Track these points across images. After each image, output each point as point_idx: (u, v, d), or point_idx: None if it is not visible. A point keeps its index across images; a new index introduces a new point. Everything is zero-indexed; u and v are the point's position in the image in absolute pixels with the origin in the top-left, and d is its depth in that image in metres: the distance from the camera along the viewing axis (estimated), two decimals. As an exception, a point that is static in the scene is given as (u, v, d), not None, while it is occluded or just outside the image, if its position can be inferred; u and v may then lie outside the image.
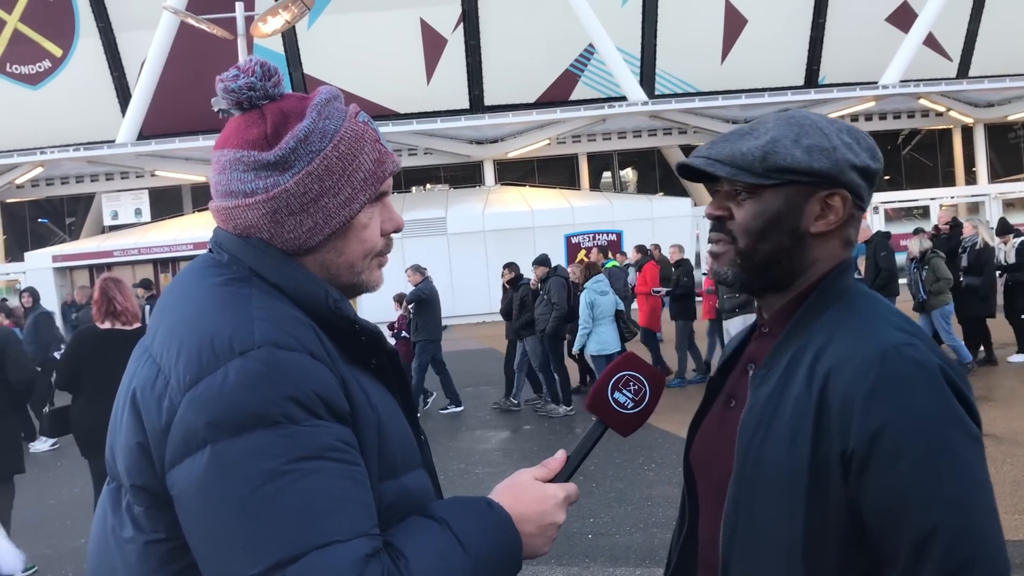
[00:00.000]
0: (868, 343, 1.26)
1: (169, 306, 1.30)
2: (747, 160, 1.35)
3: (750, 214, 1.38)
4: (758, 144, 1.36)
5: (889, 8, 28.22)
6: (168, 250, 24.93)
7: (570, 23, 25.55)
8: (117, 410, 1.27)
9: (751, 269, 1.41)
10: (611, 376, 1.47)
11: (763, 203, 1.37)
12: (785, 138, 1.35)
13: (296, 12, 16.62)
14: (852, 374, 1.24)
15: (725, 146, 1.39)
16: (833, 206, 1.37)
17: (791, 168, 1.34)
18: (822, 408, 1.25)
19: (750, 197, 1.38)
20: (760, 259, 1.39)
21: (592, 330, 10.07)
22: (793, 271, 1.40)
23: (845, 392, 1.23)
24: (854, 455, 1.22)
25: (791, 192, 1.36)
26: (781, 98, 25.61)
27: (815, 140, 1.35)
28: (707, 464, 1.48)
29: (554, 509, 1.34)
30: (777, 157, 1.34)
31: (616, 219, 24.77)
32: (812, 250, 1.39)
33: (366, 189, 1.32)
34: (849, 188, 1.37)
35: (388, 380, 1.34)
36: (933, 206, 26.91)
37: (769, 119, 1.41)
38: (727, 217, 1.41)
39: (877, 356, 1.24)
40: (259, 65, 1.32)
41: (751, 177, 1.36)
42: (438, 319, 11.18)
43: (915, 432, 1.20)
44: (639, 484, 7.10)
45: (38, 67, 27.13)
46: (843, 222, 1.38)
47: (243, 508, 1.10)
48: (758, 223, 1.37)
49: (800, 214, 1.37)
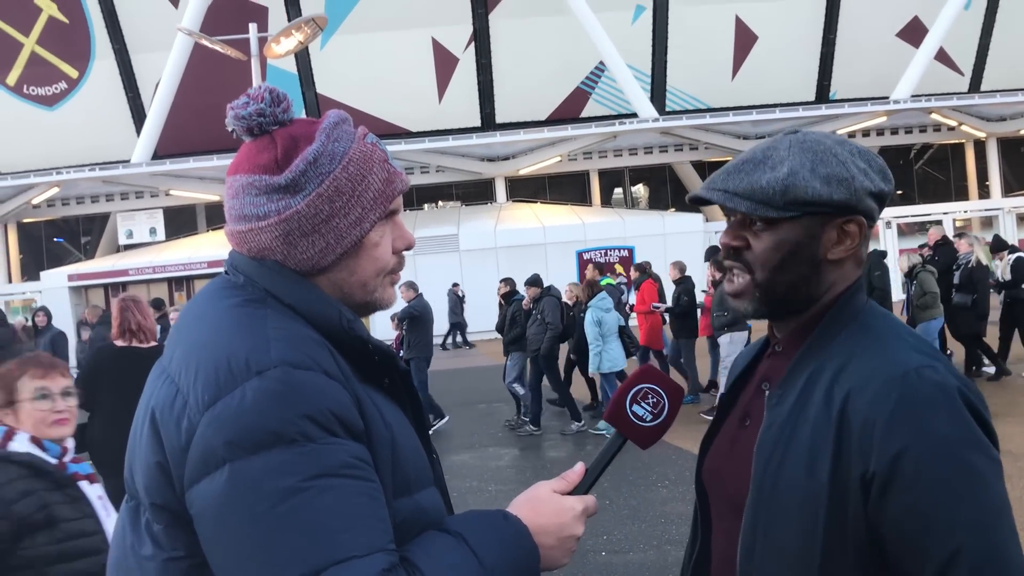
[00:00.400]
0: (888, 365, 1.27)
1: (186, 327, 1.32)
2: (767, 194, 1.35)
3: (769, 245, 1.37)
4: (777, 177, 1.34)
5: (900, 23, 28.20)
6: (183, 269, 25.07)
7: (580, 41, 25.65)
8: (136, 429, 1.29)
9: (771, 301, 1.41)
10: (630, 388, 1.48)
11: (781, 234, 1.36)
12: (803, 168, 1.34)
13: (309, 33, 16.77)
14: (872, 396, 1.24)
15: (742, 178, 1.38)
16: (850, 232, 1.37)
17: (811, 201, 1.34)
18: (842, 430, 1.25)
19: (767, 228, 1.37)
20: (781, 290, 1.39)
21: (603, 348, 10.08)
22: (811, 297, 1.40)
23: (866, 414, 1.23)
24: (875, 478, 1.22)
25: (809, 222, 1.36)
26: (792, 114, 25.61)
27: (832, 169, 1.34)
28: (720, 482, 1.48)
29: (573, 521, 1.35)
30: (797, 191, 1.33)
31: (628, 235, 24.77)
32: (828, 275, 1.39)
33: (376, 208, 1.35)
34: (865, 214, 1.37)
35: (401, 399, 1.36)
36: (946, 220, 26.78)
37: (780, 145, 1.39)
38: (744, 247, 1.40)
39: (897, 379, 1.24)
40: (268, 92, 1.34)
41: (772, 211, 1.35)
42: (430, 336, 11.21)
43: (936, 455, 1.20)
44: (653, 501, 7.07)
45: (54, 88, 27.40)
46: (858, 245, 1.40)
47: (262, 526, 1.12)
48: (777, 255, 1.37)
49: (818, 243, 1.37)
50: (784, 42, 27.86)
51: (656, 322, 12.36)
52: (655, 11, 27.47)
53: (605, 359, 10.09)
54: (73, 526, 2.48)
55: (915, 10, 27.88)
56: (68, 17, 26.62)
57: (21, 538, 2.39)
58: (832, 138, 1.41)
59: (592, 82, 28.20)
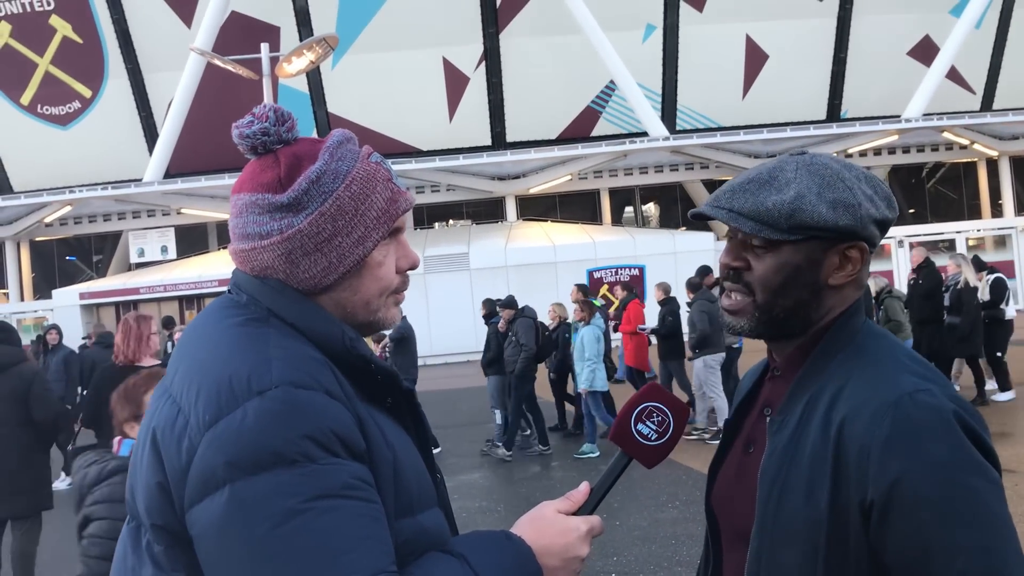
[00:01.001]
0: (882, 389, 1.25)
1: (189, 346, 1.32)
2: (772, 217, 1.33)
3: (770, 268, 1.36)
4: (784, 200, 1.33)
5: (911, 42, 28.23)
6: (194, 287, 25.17)
7: (591, 60, 25.76)
8: (137, 449, 1.29)
9: (769, 322, 1.39)
10: (634, 407, 1.46)
11: (783, 257, 1.35)
12: (810, 192, 1.33)
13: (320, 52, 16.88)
14: (867, 422, 1.23)
15: (747, 198, 1.36)
16: (852, 258, 1.36)
17: (817, 226, 1.33)
18: (839, 457, 1.24)
19: (769, 250, 1.36)
20: (779, 312, 1.38)
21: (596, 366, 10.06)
22: (809, 320, 1.39)
23: (861, 441, 1.22)
24: (874, 505, 1.21)
25: (812, 247, 1.35)
26: (803, 132, 25.61)
27: (839, 195, 1.33)
28: (728, 510, 1.47)
29: (577, 542, 1.33)
30: (804, 215, 1.32)
31: (638, 254, 24.77)
32: (828, 300, 1.38)
33: (379, 227, 1.34)
34: (868, 240, 1.36)
35: (404, 419, 1.35)
36: (959, 240, 26.71)
37: (787, 166, 1.38)
38: (744, 268, 1.39)
39: (891, 404, 1.23)
40: (273, 111, 1.34)
41: (776, 233, 1.34)
42: (415, 358, 11.22)
43: (933, 480, 1.19)
44: (663, 522, 7.02)
45: (68, 108, 27.64)
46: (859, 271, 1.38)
47: (262, 547, 1.10)
48: (778, 278, 1.36)
49: (819, 268, 1.36)
50: (795, 61, 27.92)
51: (642, 343, 12.25)
52: (665, 30, 27.59)
53: (599, 377, 10.05)
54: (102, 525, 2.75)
55: (926, 29, 27.91)
56: (82, 37, 26.89)
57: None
58: (839, 162, 1.40)
59: (603, 101, 28.28)
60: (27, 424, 5.97)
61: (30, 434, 5.99)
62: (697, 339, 10.17)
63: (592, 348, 10.07)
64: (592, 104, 28.40)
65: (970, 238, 27.39)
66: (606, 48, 25.16)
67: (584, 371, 10.11)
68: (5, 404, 5.97)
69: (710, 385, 10.29)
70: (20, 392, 5.98)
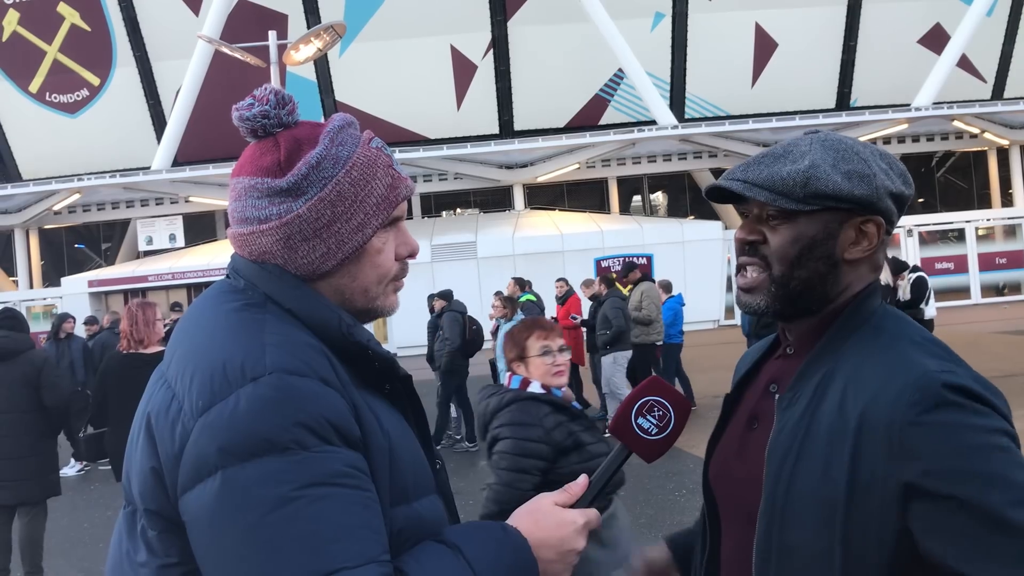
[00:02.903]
0: (907, 370, 1.24)
1: (185, 331, 1.31)
2: (787, 185, 1.33)
3: (786, 239, 1.35)
4: (798, 169, 1.33)
5: (922, 30, 28.03)
6: (202, 275, 25.18)
7: (599, 48, 25.64)
8: (133, 435, 1.28)
9: (785, 297, 1.38)
10: (635, 401, 1.45)
11: (799, 228, 1.35)
12: (824, 163, 1.33)
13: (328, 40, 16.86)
14: (894, 402, 1.22)
15: (762, 169, 1.36)
16: (868, 233, 1.35)
17: (832, 194, 1.32)
18: (860, 436, 1.23)
19: (785, 222, 1.35)
20: (796, 286, 1.37)
21: None
22: (826, 297, 1.38)
23: (889, 421, 1.21)
24: (910, 487, 1.20)
25: (827, 218, 1.34)
26: (812, 121, 25.46)
27: (854, 166, 1.33)
28: (729, 485, 1.46)
29: (574, 535, 1.32)
30: (819, 183, 1.32)
31: (646, 243, 24.69)
32: (845, 276, 1.37)
33: (379, 214, 1.33)
34: (884, 214, 1.35)
35: (402, 405, 1.34)
36: (968, 229, 26.57)
37: (802, 142, 1.38)
38: (760, 241, 1.38)
39: (919, 384, 1.22)
40: (273, 93, 1.33)
41: (791, 203, 1.33)
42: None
43: (968, 451, 1.18)
44: (670, 510, 7.02)
45: (76, 96, 27.65)
46: (876, 248, 1.37)
47: (253, 534, 1.10)
48: (794, 249, 1.35)
49: (835, 241, 1.35)
50: (804, 49, 27.75)
51: (578, 336, 12.10)
52: (674, 18, 27.44)
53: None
54: (595, 448, 3.12)
55: (937, 17, 27.70)
56: (90, 25, 26.87)
57: (557, 459, 3.07)
58: (853, 139, 1.40)
59: (611, 89, 28.17)
60: (36, 410, 6.01)
61: (39, 420, 6.03)
62: (613, 336, 10.12)
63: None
64: (600, 92, 28.28)
65: (980, 227, 27.21)
66: (615, 36, 25.03)
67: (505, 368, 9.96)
68: (15, 391, 6.01)
69: (615, 384, 10.29)
70: (30, 378, 6.02)
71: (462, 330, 10.33)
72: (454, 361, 10.17)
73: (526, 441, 3.10)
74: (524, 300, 11.78)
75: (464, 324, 10.46)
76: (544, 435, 3.07)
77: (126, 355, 5.77)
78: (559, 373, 3.21)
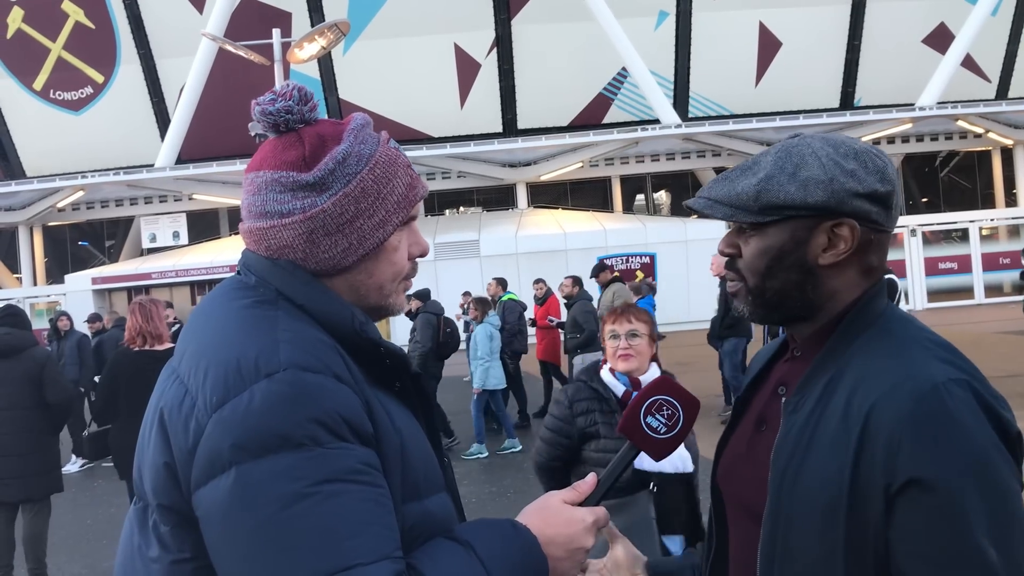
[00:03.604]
0: (914, 377, 1.24)
1: (197, 327, 1.31)
2: (742, 200, 1.35)
3: (755, 252, 1.37)
4: (751, 183, 1.35)
5: (926, 30, 27.99)
6: (205, 272, 25.21)
7: (603, 47, 25.62)
8: (145, 430, 1.29)
9: (764, 306, 1.40)
10: (644, 400, 1.46)
11: (767, 239, 1.36)
12: (781, 173, 1.33)
13: (332, 38, 16.85)
14: (898, 409, 1.21)
15: (724, 185, 1.39)
16: (841, 236, 1.33)
17: (786, 204, 1.32)
18: (863, 443, 1.23)
19: (755, 234, 1.37)
20: (771, 296, 1.38)
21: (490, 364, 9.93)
22: (811, 303, 1.37)
23: (891, 427, 1.21)
24: (897, 493, 1.19)
25: (794, 227, 1.34)
26: (816, 120, 25.44)
27: (811, 172, 1.32)
28: (736, 485, 1.46)
29: (583, 533, 1.33)
30: (770, 195, 1.33)
31: (649, 242, 24.69)
32: (827, 281, 1.36)
33: (398, 212, 1.35)
34: (856, 216, 1.33)
35: (412, 403, 1.34)
36: (972, 229, 26.53)
37: (766, 153, 1.39)
38: (736, 255, 1.41)
39: (924, 392, 1.21)
40: (296, 90, 1.34)
41: (748, 216, 1.35)
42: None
43: (962, 472, 1.17)
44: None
45: (80, 93, 27.68)
46: (855, 250, 1.34)
47: (266, 531, 1.10)
48: (763, 261, 1.36)
49: (805, 248, 1.34)
50: (808, 48, 27.72)
51: (556, 337, 12.10)
52: (678, 17, 27.43)
53: (492, 375, 9.92)
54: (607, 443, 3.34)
55: (941, 16, 27.67)
56: (94, 23, 26.90)
57: (585, 441, 3.38)
58: (825, 141, 1.37)
59: (614, 88, 28.16)
60: (39, 407, 6.01)
61: (42, 417, 6.03)
62: (585, 339, 10.13)
63: (485, 346, 9.92)
64: (604, 91, 28.27)
65: (983, 227, 27.18)
66: (618, 35, 25.01)
67: (477, 369, 9.95)
68: (17, 387, 6.01)
69: None
70: (33, 375, 6.02)
71: (435, 332, 10.31)
72: (426, 363, 10.12)
73: (552, 417, 3.52)
74: (506, 300, 11.77)
75: (438, 326, 10.43)
76: (568, 416, 3.42)
77: (138, 352, 5.76)
78: (623, 356, 3.42)
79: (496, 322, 10.18)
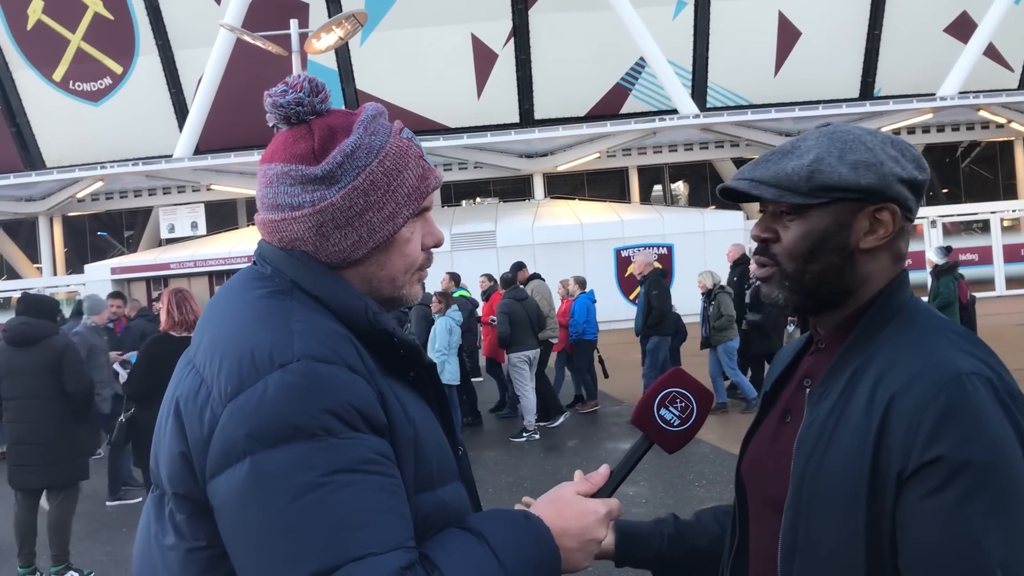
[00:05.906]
0: (936, 367, 1.23)
1: (212, 318, 1.32)
2: (792, 180, 1.34)
3: (797, 235, 1.36)
4: (802, 163, 1.34)
5: (948, 18, 27.70)
6: (223, 262, 25.35)
7: (621, 37, 25.51)
8: (161, 419, 1.30)
9: (801, 291, 1.39)
10: (658, 392, 1.46)
11: (810, 223, 1.35)
12: (829, 155, 1.34)
13: (349, 29, 16.87)
14: (918, 399, 1.21)
15: (768, 167, 1.38)
16: (882, 221, 1.34)
17: (838, 186, 1.32)
18: (883, 432, 1.23)
19: (796, 217, 1.36)
20: (810, 280, 1.37)
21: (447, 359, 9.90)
22: (845, 289, 1.37)
23: (911, 417, 1.21)
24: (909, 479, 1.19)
25: (838, 210, 1.34)
26: (836, 110, 25.25)
27: (860, 155, 1.33)
28: (760, 478, 1.46)
29: (596, 524, 1.34)
30: (823, 175, 1.33)
31: (667, 232, 24.62)
32: (862, 266, 1.36)
33: (409, 204, 1.34)
34: (897, 201, 1.34)
35: (426, 393, 1.35)
36: (994, 220, 26.30)
37: (810, 136, 1.39)
38: (773, 240, 1.40)
39: (945, 382, 1.21)
40: (307, 81, 1.34)
41: (797, 197, 1.34)
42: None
43: (980, 463, 1.17)
44: (690, 500, 7.02)
45: (99, 84, 27.84)
46: (893, 236, 1.36)
47: (280, 520, 1.11)
48: (806, 244, 1.36)
49: (848, 231, 1.35)
50: (828, 37, 27.50)
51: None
52: (696, 6, 27.26)
53: (447, 371, 9.87)
54: None
55: (963, 5, 27.37)
56: (113, 14, 27.02)
57: None
58: (862, 129, 1.40)
59: (632, 78, 28.04)
60: (58, 397, 6.07)
61: (61, 407, 6.09)
62: (499, 340, 10.18)
63: (443, 339, 9.87)
64: (621, 81, 28.16)
65: (1005, 218, 26.91)
66: (636, 24, 24.89)
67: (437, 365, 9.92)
68: (38, 377, 6.07)
69: (518, 383, 10.32)
70: (52, 364, 6.07)
71: (429, 326, 10.32)
72: None
73: None
74: (457, 296, 11.75)
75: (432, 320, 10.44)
76: None
77: (179, 338, 5.65)
78: None
79: (458, 316, 10.14)
